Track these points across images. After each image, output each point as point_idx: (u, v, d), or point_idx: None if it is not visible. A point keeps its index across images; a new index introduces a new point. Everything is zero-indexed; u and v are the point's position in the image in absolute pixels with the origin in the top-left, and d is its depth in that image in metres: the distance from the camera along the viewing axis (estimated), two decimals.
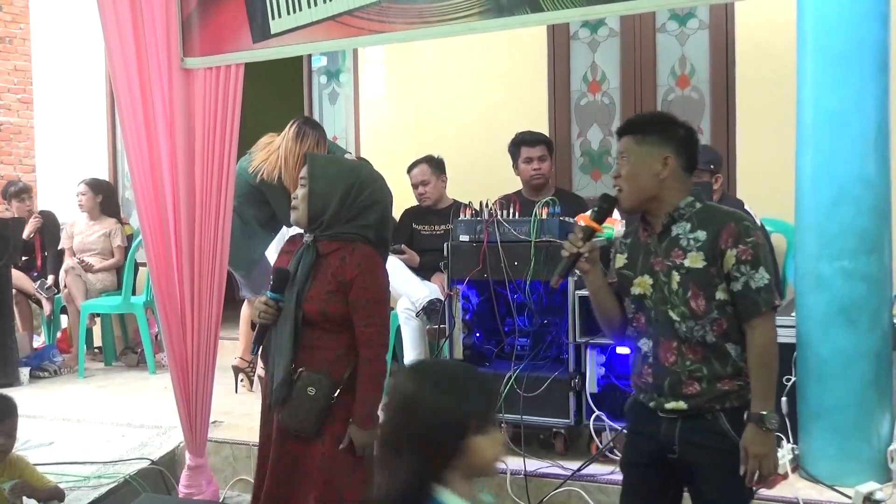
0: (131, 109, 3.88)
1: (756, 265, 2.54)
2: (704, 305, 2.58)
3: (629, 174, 2.66)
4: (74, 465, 4.53)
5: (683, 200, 2.65)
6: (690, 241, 2.60)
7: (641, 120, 2.74)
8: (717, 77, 5.89)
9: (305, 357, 2.99)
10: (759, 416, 2.52)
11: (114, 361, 7.08)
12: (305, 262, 3.01)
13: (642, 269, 2.70)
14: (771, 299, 2.55)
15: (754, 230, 2.58)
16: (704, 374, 2.60)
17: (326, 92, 7.43)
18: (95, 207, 7.10)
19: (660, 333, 2.66)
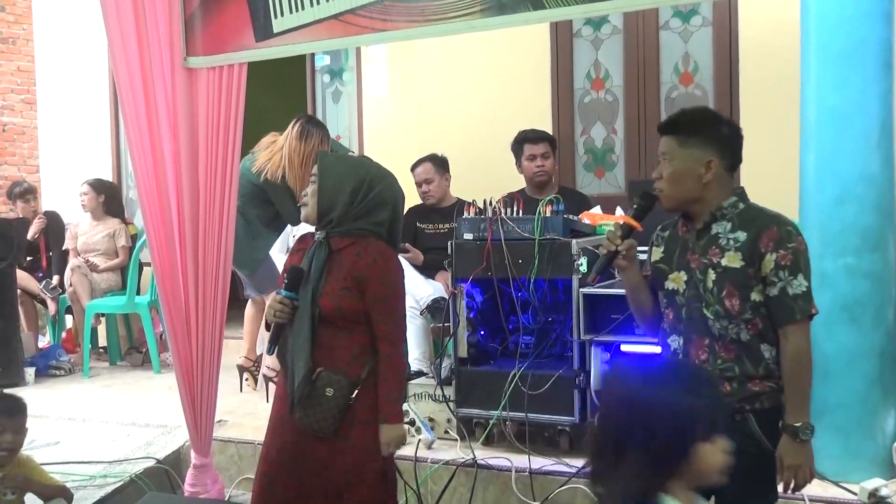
0: (134, 109, 3.89)
1: (795, 272, 2.51)
2: (739, 305, 2.55)
3: (671, 177, 2.61)
4: (80, 464, 4.55)
5: (727, 200, 2.61)
6: (730, 240, 2.57)
7: (685, 120, 2.64)
8: (721, 74, 5.89)
9: (322, 357, 2.97)
10: (793, 428, 2.50)
11: (119, 361, 7.09)
12: (319, 258, 2.99)
13: (678, 265, 2.67)
14: (808, 307, 2.51)
15: (797, 235, 2.54)
16: (736, 373, 2.57)
17: (329, 91, 7.44)
18: (99, 208, 7.11)
19: (691, 331, 2.63)
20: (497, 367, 4.35)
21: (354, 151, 6.34)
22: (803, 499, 3.57)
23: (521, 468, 4.05)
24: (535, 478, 4.01)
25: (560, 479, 3.98)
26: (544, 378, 4.14)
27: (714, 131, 2.61)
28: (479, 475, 4.11)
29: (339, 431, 2.97)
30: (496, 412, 4.20)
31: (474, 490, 4.09)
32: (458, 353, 4.38)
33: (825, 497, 3.60)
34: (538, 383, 4.14)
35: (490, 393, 4.26)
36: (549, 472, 4.03)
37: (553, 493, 3.95)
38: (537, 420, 4.19)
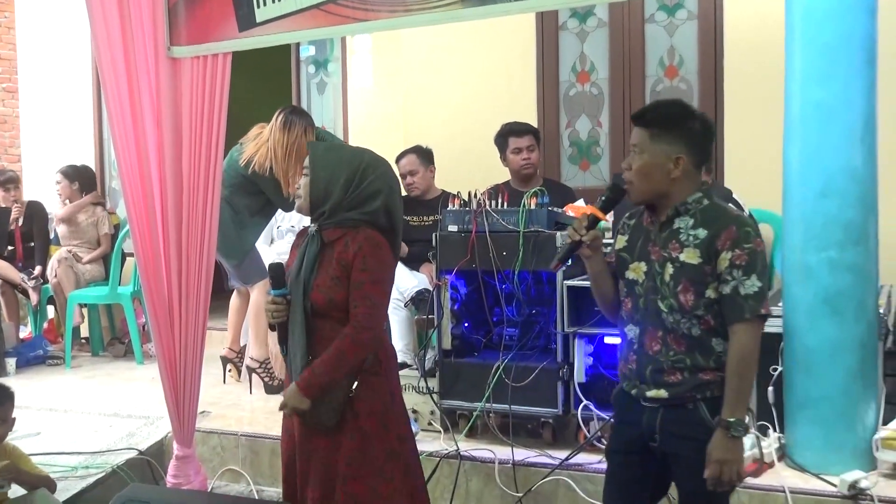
0: (118, 99, 3.86)
1: (749, 272, 2.54)
2: (693, 301, 2.59)
3: (640, 170, 2.63)
4: (62, 455, 4.53)
5: (692, 196, 2.64)
6: (690, 236, 2.60)
7: (657, 114, 2.66)
8: (706, 68, 5.90)
9: (321, 350, 2.94)
10: (726, 423, 2.53)
11: (101, 352, 7.06)
12: (311, 251, 2.98)
13: (639, 255, 2.71)
14: (758, 307, 2.55)
15: (755, 237, 2.57)
16: (687, 364, 2.61)
17: (314, 82, 7.41)
18: (75, 194, 7.08)
19: (647, 321, 2.68)
20: (481, 359, 4.36)
21: (342, 140, 6.32)
22: (784, 491, 3.59)
23: (504, 460, 4.05)
24: (518, 469, 4.02)
25: (543, 470, 3.99)
26: (528, 370, 4.15)
27: (686, 128, 2.63)
28: (463, 467, 4.12)
29: (340, 423, 2.95)
30: (480, 404, 4.21)
31: (457, 481, 4.10)
32: (442, 345, 4.39)
33: (806, 489, 3.62)
34: (522, 375, 4.14)
35: (474, 385, 4.26)
36: (532, 464, 4.04)
37: (536, 485, 3.96)
38: (521, 412, 4.20)
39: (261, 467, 4.56)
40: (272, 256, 5.91)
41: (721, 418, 2.54)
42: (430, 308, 4.50)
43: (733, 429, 2.52)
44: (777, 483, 3.65)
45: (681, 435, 2.62)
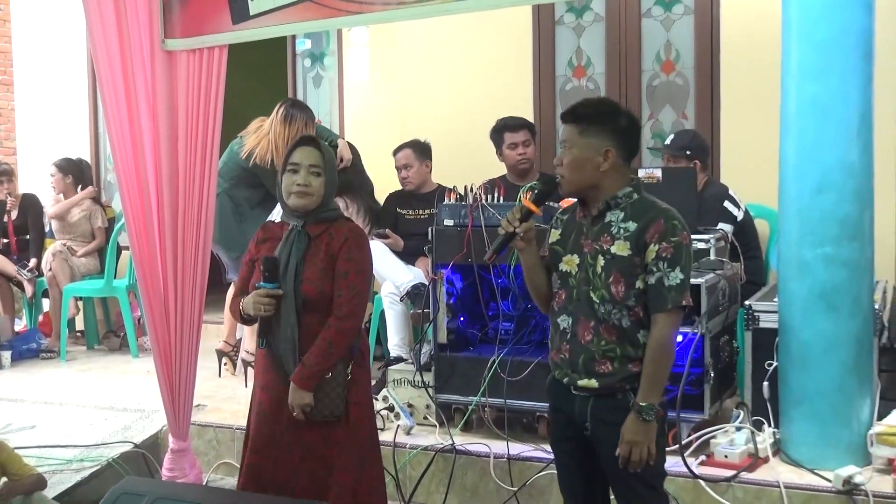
0: (113, 92, 3.86)
1: (674, 264, 2.63)
2: (623, 292, 2.68)
3: (570, 164, 2.73)
4: (57, 448, 4.52)
5: (622, 190, 2.73)
6: (621, 229, 2.70)
7: (584, 110, 2.77)
8: (702, 63, 5.89)
9: (307, 344, 3.02)
10: (639, 407, 2.64)
11: (96, 345, 7.05)
12: (299, 248, 3.03)
13: (572, 248, 2.79)
14: (679, 299, 2.64)
15: (681, 230, 2.66)
16: (617, 354, 2.70)
17: (311, 75, 7.40)
18: (69, 189, 7.06)
19: (580, 312, 2.76)
20: (476, 353, 4.36)
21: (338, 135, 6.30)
22: (779, 486, 3.60)
23: (499, 454, 4.06)
24: (513, 463, 4.02)
25: (538, 464, 3.99)
26: (523, 364, 4.15)
27: (612, 122, 2.73)
28: (458, 461, 4.12)
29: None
30: (475, 398, 4.21)
31: (453, 475, 4.10)
32: (438, 339, 4.38)
33: (800, 484, 3.63)
34: (517, 370, 4.15)
35: (469, 379, 4.26)
36: (527, 458, 4.04)
37: (531, 479, 3.97)
38: (516, 406, 4.19)
39: None
40: None
41: (634, 401, 2.65)
42: (425, 302, 4.50)
43: (645, 412, 2.63)
44: (772, 478, 3.66)
45: (610, 421, 2.71)
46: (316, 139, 3.10)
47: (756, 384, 4.00)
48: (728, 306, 4.24)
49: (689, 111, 5.94)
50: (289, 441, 3.07)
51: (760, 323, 4.03)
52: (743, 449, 3.80)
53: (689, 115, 5.93)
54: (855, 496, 3.50)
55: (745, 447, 3.80)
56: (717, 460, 3.81)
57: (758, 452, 3.81)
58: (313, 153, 3.05)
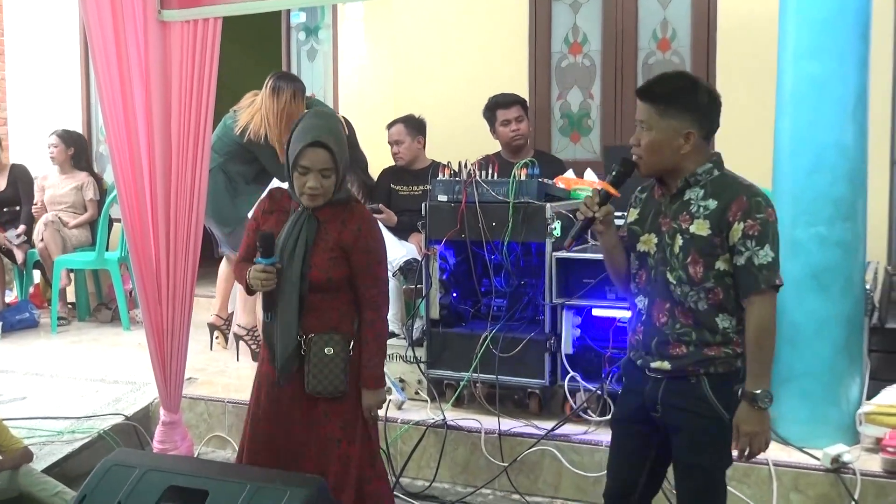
0: (106, 62, 3.82)
1: (762, 242, 2.51)
2: (702, 273, 2.57)
3: (649, 146, 2.60)
4: (48, 419, 4.52)
5: (702, 167, 2.61)
6: (700, 207, 2.58)
7: (663, 88, 2.61)
8: (699, 41, 5.88)
9: (312, 321, 3.00)
10: (751, 395, 2.51)
11: (87, 317, 7.03)
12: (308, 232, 2.98)
13: (650, 227, 2.69)
14: (772, 278, 2.52)
15: (766, 206, 2.54)
16: (693, 338, 2.60)
17: (305, 49, 7.36)
18: (67, 161, 7.01)
19: (656, 293, 2.66)
20: (469, 329, 4.36)
21: (330, 106, 6.28)
22: (767, 464, 3.62)
23: (490, 430, 4.07)
24: (504, 439, 4.04)
25: (529, 440, 4.01)
26: (515, 341, 4.16)
27: (693, 101, 2.59)
28: (449, 436, 4.13)
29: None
30: (467, 374, 4.22)
31: (444, 451, 4.12)
32: (430, 315, 4.39)
33: (789, 462, 3.65)
34: (509, 346, 4.15)
35: (461, 355, 4.27)
36: (517, 434, 4.06)
37: (521, 455, 3.99)
38: (507, 382, 4.21)
39: None
40: None
41: (745, 390, 2.53)
42: (418, 278, 4.49)
43: (760, 400, 2.51)
44: (761, 456, 3.64)
45: (681, 407, 2.62)
46: (323, 141, 2.98)
47: None
48: None
49: None
50: (294, 413, 3.08)
51: None
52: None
53: None
54: (843, 474, 3.52)
55: None
56: None
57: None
58: (323, 155, 2.92)
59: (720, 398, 2.58)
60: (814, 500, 3.57)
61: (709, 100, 2.62)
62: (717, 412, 2.58)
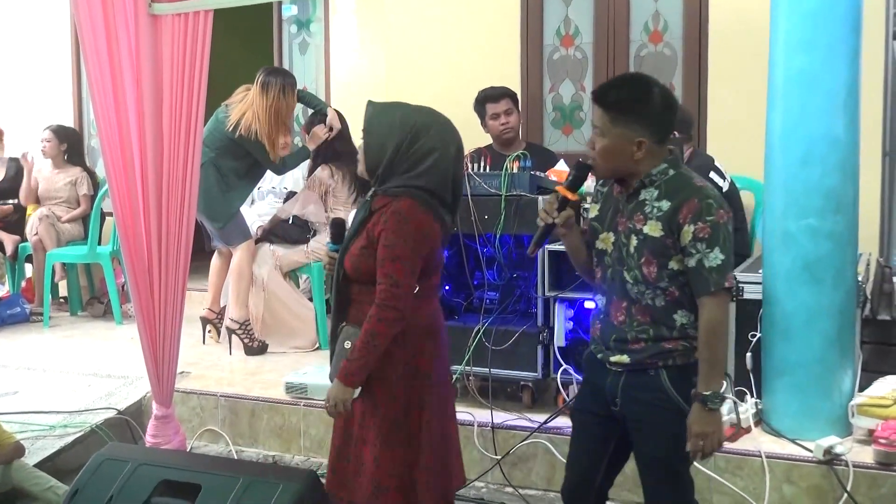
0: (96, 56, 3.81)
1: (712, 245, 2.52)
2: (656, 273, 2.60)
3: (602, 152, 2.62)
4: (40, 414, 4.52)
5: (657, 168, 2.63)
6: (654, 208, 2.60)
7: (617, 95, 2.61)
8: (690, 34, 5.88)
9: (352, 311, 2.96)
10: (702, 397, 2.53)
11: (79, 311, 7.02)
12: (358, 217, 2.97)
13: (609, 226, 2.72)
14: (721, 280, 2.54)
15: (717, 209, 2.54)
16: (650, 335, 2.63)
17: (297, 42, 7.34)
18: (60, 156, 7.00)
19: (613, 291, 2.70)
20: (461, 322, 4.35)
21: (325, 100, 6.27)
22: (760, 456, 3.63)
23: (483, 422, 4.07)
24: (497, 432, 4.04)
25: (522, 433, 4.01)
26: (508, 334, 4.16)
27: (645, 110, 2.59)
28: None
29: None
30: (460, 367, 4.21)
31: None
32: None
33: (782, 454, 3.66)
34: (502, 339, 4.15)
35: (454, 348, 4.20)
36: (510, 427, 4.06)
37: (514, 448, 3.99)
38: (500, 375, 4.21)
39: (240, 428, 4.57)
40: (252, 217, 5.91)
41: (696, 392, 2.55)
42: None
43: (710, 401, 2.53)
44: (754, 448, 3.69)
45: (641, 400, 2.65)
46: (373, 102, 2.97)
47: (739, 355, 4.02)
48: None
49: (676, 82, 5.93)
50: None
51: (744, 294, 4.04)
52: (725, 419, 3.81)
53: (677, 85, 5.92)
54: (835, 466, 3.53)
55: (728, 417, 3.83)
56: None
57: (740, 423, 3.83)
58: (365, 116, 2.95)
59: (679, 390, 2.61)
60: (806, 491, 3.58)
61: (662, 107, 2.62)
62: (676, 404, 2.61)
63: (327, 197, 5.72)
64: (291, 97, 5.42)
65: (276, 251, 5.62)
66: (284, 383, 4.56)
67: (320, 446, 4.39)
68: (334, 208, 5.70)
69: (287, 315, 5.59)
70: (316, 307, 5.60)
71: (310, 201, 5.71)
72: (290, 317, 5.60)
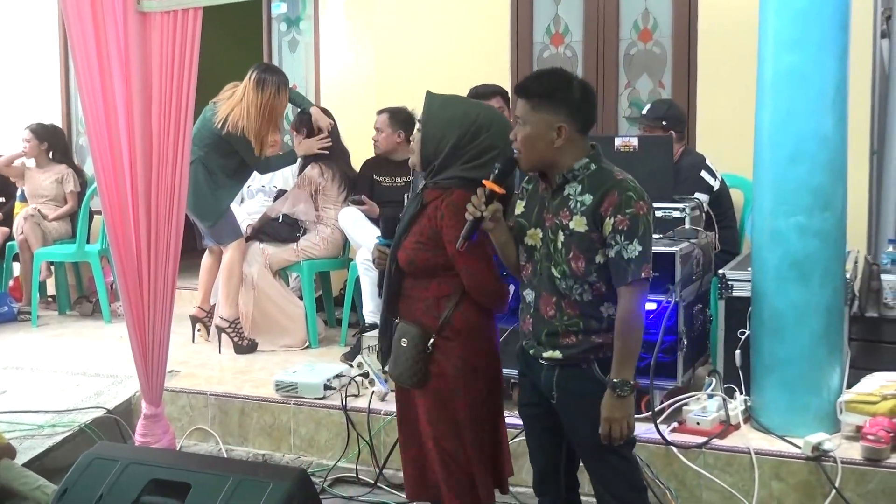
0: (85, 53, 3.80)
1: (631, 237, 2.59)
2: (584, 267, 2.66)
3: (524, 141, 2.69)
4: (28, 413, 4.50)
5: (578, 162, 2.69)
6: (578, 203, 2.66)
7: (535, 84, 2.71)
8: (680, 32, 5.89)
9: (404, 307, 2.98)
10: (612, 384, 2.62)
11: (68, 310, 7.00)
12: (410, 210, 2.98)
13: (536, 222, 2.77)
14: (638, 272, 2.59)
15: (636, 201, 2.60)
16: (580, 328, 2.70)
17: (286, 40, 7.33)
18: (42, 154, 6.98)
19: (542, 286, 2.75)
20: None
21: (313, 102, 6.26)
22: (749, 452, 3.64)
23: None
24: None
25: (512, 430, 3.99)
26: (499, 331, 4.15)
27: (564, 97, 2.67)
28: None
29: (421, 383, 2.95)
30: None
31: None
32: None
33: (770, 450, 3.67)
34: None
35: None
36: None
37: None
38: None
39: (229, 427, 4.56)
40: (242, 216, 5.89)
41: (608, 378, 2.63)
42: None
43: (619, 388, 2.61)
44: (743, 444, 3.70)
45: (575, 392, 2.72)
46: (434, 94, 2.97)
47: (728, 352, 4.04)
48: (702, 275, 4.26)
49: (666, 80, 5.94)
50: (400, 402, 3.12)
51: (734, 292, 4.05)
52: (715, 416, 3.84)
53: (667, 84, 5.93)
54: (824, 462, 3.54)
55: (717, 414, 3.84)
56: (689, 427, 3.84)
57: (729, 419, 3.85)
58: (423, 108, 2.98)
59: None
60: (795, 487, 3.60)
61: (581, 95, 2.70)
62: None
63: (317, 195, 5.71)
64: (285, 96, 5.43)
65: (265, 249, 5.61)
66: (274, 382, 4.56)
67: (310, 445, 4.39)
68: (324, 206, 5.70)
69: (277, 313, 5.59)
70: (306, 305, 5.59)
71: (299, 200, 5.70)
72: (279, 315, 5.59)
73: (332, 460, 4.28)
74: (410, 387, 2.97)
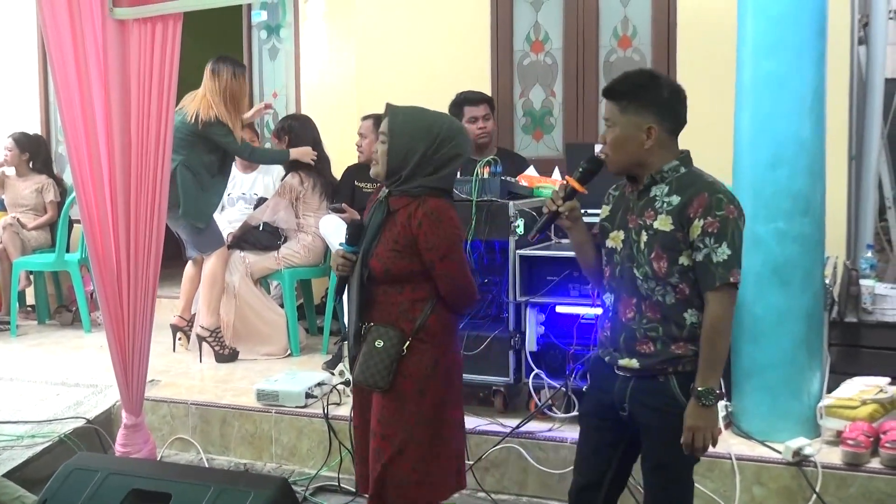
0: (63, 62, 3.78)
1: (720, 239, 2.53)
2: (666, 268, 2.59)
3: (613, 143, 2.65)
4: (7, 424, 4.47)
5: (668, 164, 2.65)
6: (664, 203, 2.61)
7: (624, 85, 2.66)
8: (659, 38, 5.92)
9: (375, 312, 3.00)
10: (697, 392, 2.55)
11: (47, 320, 6.96)
12: (377, 218, 3.00)
13: (619, 224, 2.72)
14: (727, 275, 2.53)
15: (727, 204, 2.56)
16: (660, 334, 2.62)
17: (266, 47, 7.32)
18: (23, 164, 6.95)
19: (622, 289, 2.69)
20: None
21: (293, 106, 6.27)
22: (730, 458, 3.65)
23: None
24: (469, 437, 4.00)
25: (494, 438, 4.01)
26: (480, 339, 4.16)
27: (653, 97, 2.63)
28: None
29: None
30: None
31: None
32: None
33: (751, 456, 3.69)
34: (474, 344, 4.15)
35: None
36: (483, 432, 4.06)
37: (487, 453, 3.99)
38: (472, 380, 4.19)
39: (211, 436, 4.54)
40: (223, 224, 5.88)
41: (693, 386, 2.56)
42: None
43: (704, 397, 2.53)
44: (724, 450, 3.70)
45: (649, 406, 2.64)
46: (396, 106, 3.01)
47: None
48: None
49: None
50: (364, 406, 3.11)
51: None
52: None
53: None
54: (805, 467, 3.56)
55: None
56: None
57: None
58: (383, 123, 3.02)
59: (688, 396, 2.59)
60: (776, 492, 3.61)
61: (669, 95, 2.65)
62: (684, 409, 2.59)
63: (298, 203, 5.70)
64: (243, 80, 5.48)
65: (246, 258, 5.60)
66: (255, 390, 4.54)
67: (292, 454, 4.37)
68: (305, 214, 5.69)
69: (258, 322, 5.57)
70: (287, 314, 5.57)
71: (280, 208, 5.69)
72: (261, 324, 5.57)
73: (313, 469, 4.26)
74: (378, 389, 2.97)
